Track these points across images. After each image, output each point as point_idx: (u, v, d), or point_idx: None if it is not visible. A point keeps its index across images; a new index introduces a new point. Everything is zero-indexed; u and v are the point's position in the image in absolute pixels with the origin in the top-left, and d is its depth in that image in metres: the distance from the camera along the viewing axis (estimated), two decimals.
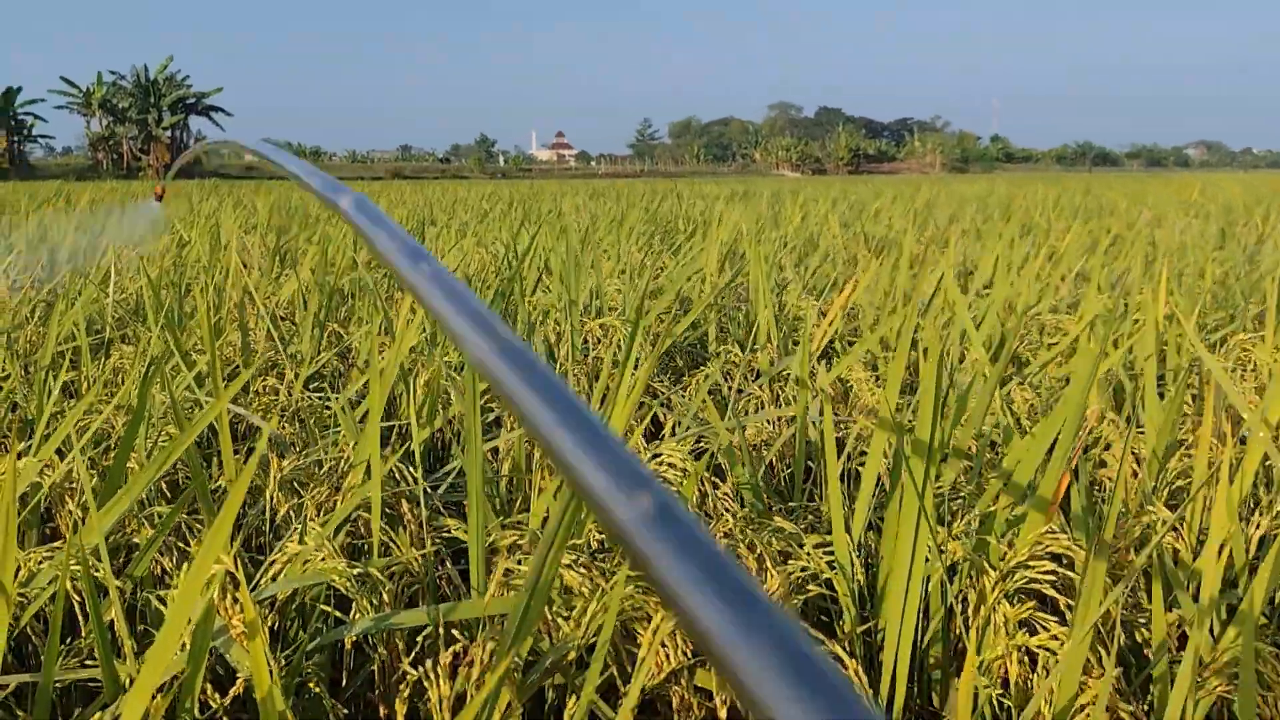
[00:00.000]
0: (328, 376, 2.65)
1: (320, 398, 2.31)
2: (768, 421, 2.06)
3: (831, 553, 1.40)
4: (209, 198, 13.33)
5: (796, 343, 3.07)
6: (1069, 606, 1.22)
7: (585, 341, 2.66)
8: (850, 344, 2.89)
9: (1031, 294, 3.31)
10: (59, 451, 1.63)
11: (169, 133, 70.08)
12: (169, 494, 1.78)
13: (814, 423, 1.93)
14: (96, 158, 69.25)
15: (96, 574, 1.18)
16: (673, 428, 2.14)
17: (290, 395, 2.30)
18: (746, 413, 2.31)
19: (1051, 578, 1.19)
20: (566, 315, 3.00)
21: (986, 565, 1.23)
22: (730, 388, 2.52)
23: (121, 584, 1.25)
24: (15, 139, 66.56)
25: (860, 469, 1.89)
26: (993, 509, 1.31)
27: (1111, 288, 3.53)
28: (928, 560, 1.26)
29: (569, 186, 22.92)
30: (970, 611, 1.25)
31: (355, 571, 1.17)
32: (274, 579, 1.24)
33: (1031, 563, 1.19)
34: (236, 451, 2.03)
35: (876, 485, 1.56)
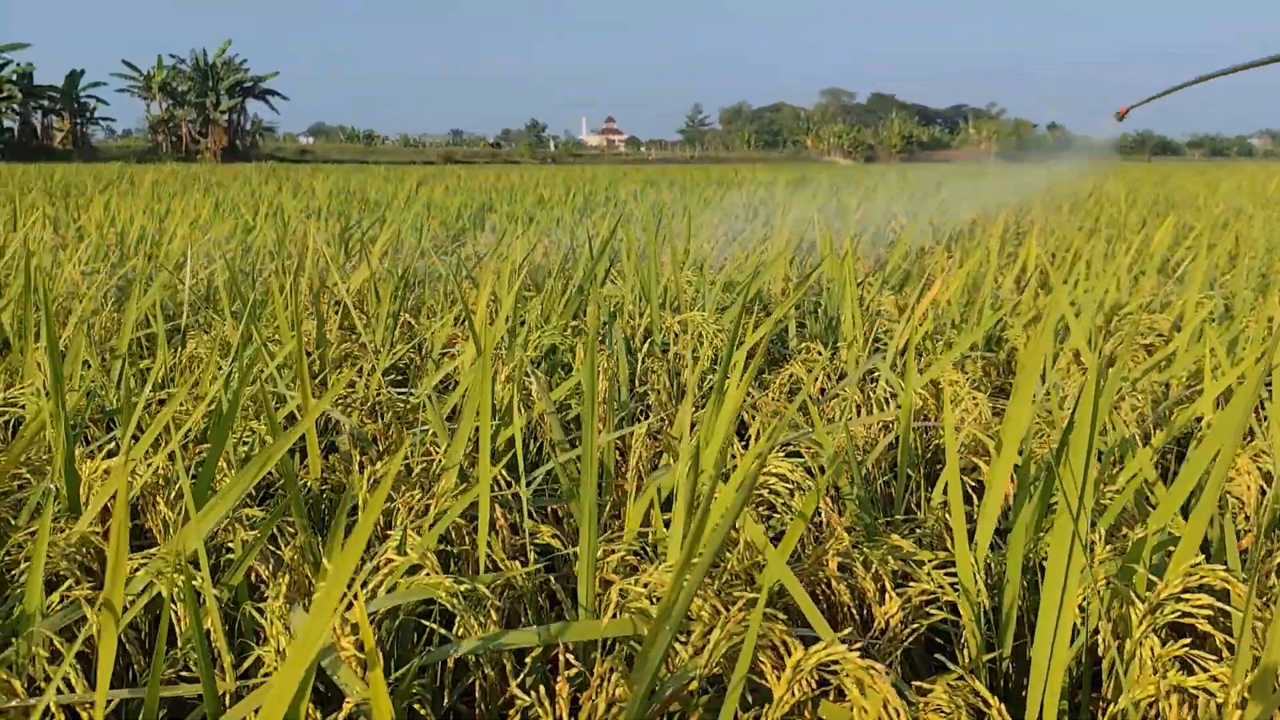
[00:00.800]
0: (401, 369, 2.61)
1: (400, 392, 2.26)
2: (863, 426, 1.98)
3: (951, 573, 1.32)
4: (267, 181, 13.45)
5: (879, 340, 2.98)
6: (1227, 645, 1.13)
7: (664, 337, 2.59)
8: (934, 341, 2.79)
9: (1120, 292, 3.18)
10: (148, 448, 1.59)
11: (226, 116, 71.09)
12: (253, 492, 1.74)
13: (920, 429, 1.84)
14: (156, 140, 70.45)
15: (195, 583, 1.13)
16: (757, 432, 2.07)
17: (368, 388, 2.26)
18: (833, 419, 2.23)
19: (1208, 612, 1.10)
20: (639, 308, 2.93)
21: (1134, 596, 1.14)
22: (815, 386, 2.44)
23: (219, 593, 1.21)
24: (78, 121, 67.90)
25: (969, 481, 1.81)
26: (1141, 535, 1.22)
27: (1209, 286, 3.38)
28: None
29: (621, 172, 22.84)
30: (1105, 643, 1.17)
31: (463, 588, 1.12)
32: (374, 591, 1.18)
33: (1185, 595, 1.11)
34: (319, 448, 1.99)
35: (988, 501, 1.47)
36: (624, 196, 9.45)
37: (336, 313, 3.14)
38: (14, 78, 63.68)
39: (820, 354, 2.54)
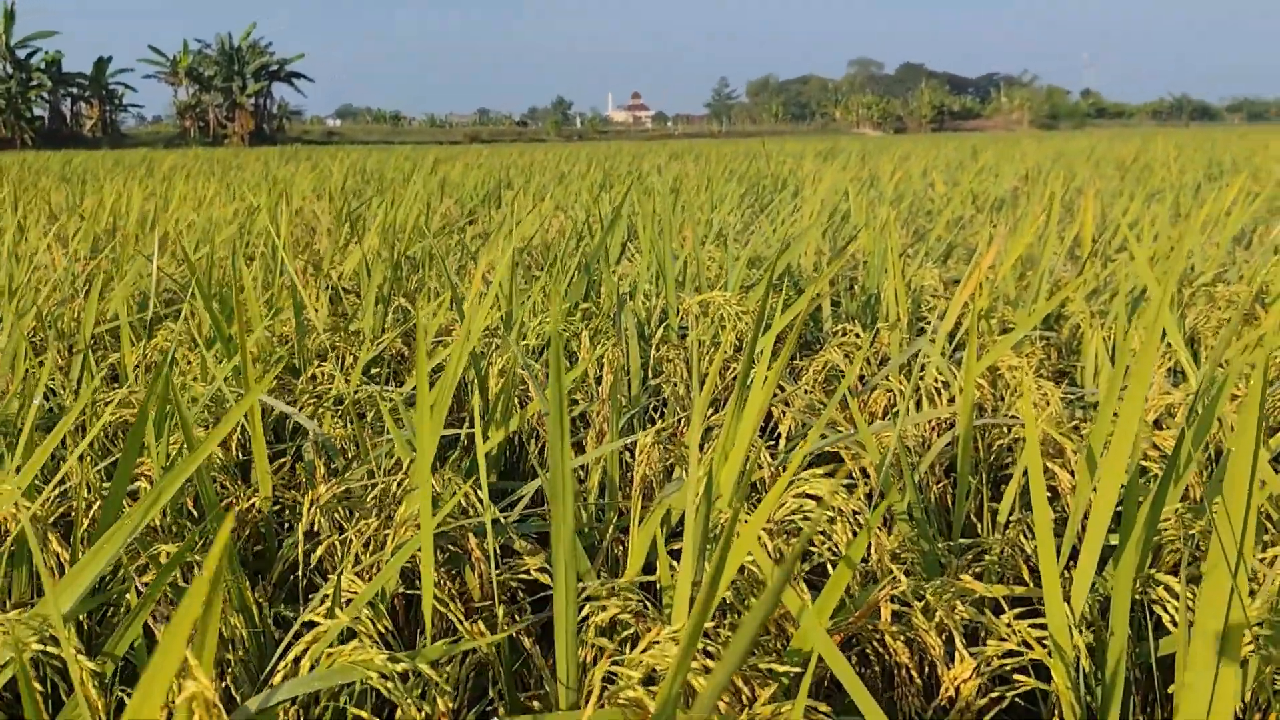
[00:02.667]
0: (389, 361, 2.34)
1: (384, 389, 2.00)
2: (913, 425, 1.69)
3: (1036, 621, 1.03)
4: (288, 162, 13.24)
5: (922, 319, 2.67)
6: None
7: (682, 320, 2.31)
8: (987, 321, 2.49)
9: (1194, 261, 2.86)
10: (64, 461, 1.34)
11: (253, 100, 71.20)
12: (196, 513, 1.48)
13: (980, 428, 1.54)
14: (184, 126, 70.70)
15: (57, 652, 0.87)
16: (789, 430, 1.78)
17: (347, 383, 2.00)
18: (875, 414, 1.94)
19: None
20: (656, 288, 2.65)
21: None
22: (855, 374, 2.15)
23: (99, 665, 0.94)
24: (107, 108, 68.24)
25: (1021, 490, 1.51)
26: None
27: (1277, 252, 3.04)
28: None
29: (646, 148, 22.44)
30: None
31: (399, 667, 0.85)
32: (296, 660, 0.92)
33: None
34: (281, 456, 1.73)
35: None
36: (647, 170, 9.13)
37: (329, 298, 2.89)
38: (43, 65, 64.09)
39: (859, 336, 2.25)
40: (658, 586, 1.11)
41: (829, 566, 1.20)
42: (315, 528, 1.29)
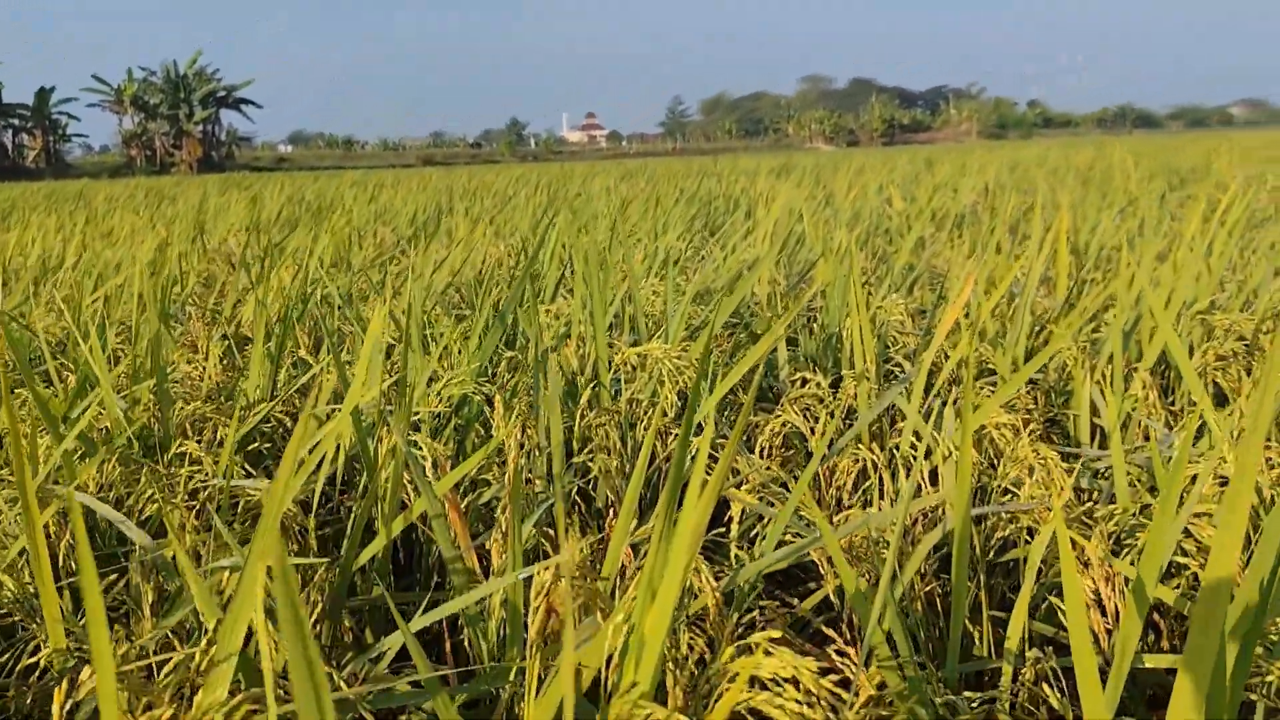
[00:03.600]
0: (276, 432, 2.00)
1: (256, 476, 1.66)
2: (895, 515, 1.38)
3: None
4: (226, 192, 12.76)
5: (890, 360, 2.38)
6: None
7: (617, 374, 1.99)
8: (965, 367, 2.19)
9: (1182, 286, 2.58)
10: None
11: (200, 127, 70.16)
12: None
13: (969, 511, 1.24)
14: (130, 155, 69.48)
15: None
16: (740, 514, 1.46)
17: (216, 467, 1.65)
18: (841, 500, 1.62)
19: None
20: (591, 333, 2.33)
21: None
22: (819, 435, 1.84)
23: None
24: (50, 139, 66.87)
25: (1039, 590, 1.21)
26: None
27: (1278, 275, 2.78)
28: None
29: (600, 167, 22.13)
30: None
31: None
32: None
33: None
34: (101, 577, 1.38)
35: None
36: (597, 191, 8.83)
37: (221, 352, 2.53)
38: None
39: (820, 386, 1.94)
40: None
41: None
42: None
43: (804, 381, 2.06)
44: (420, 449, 1.56)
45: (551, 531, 1.42)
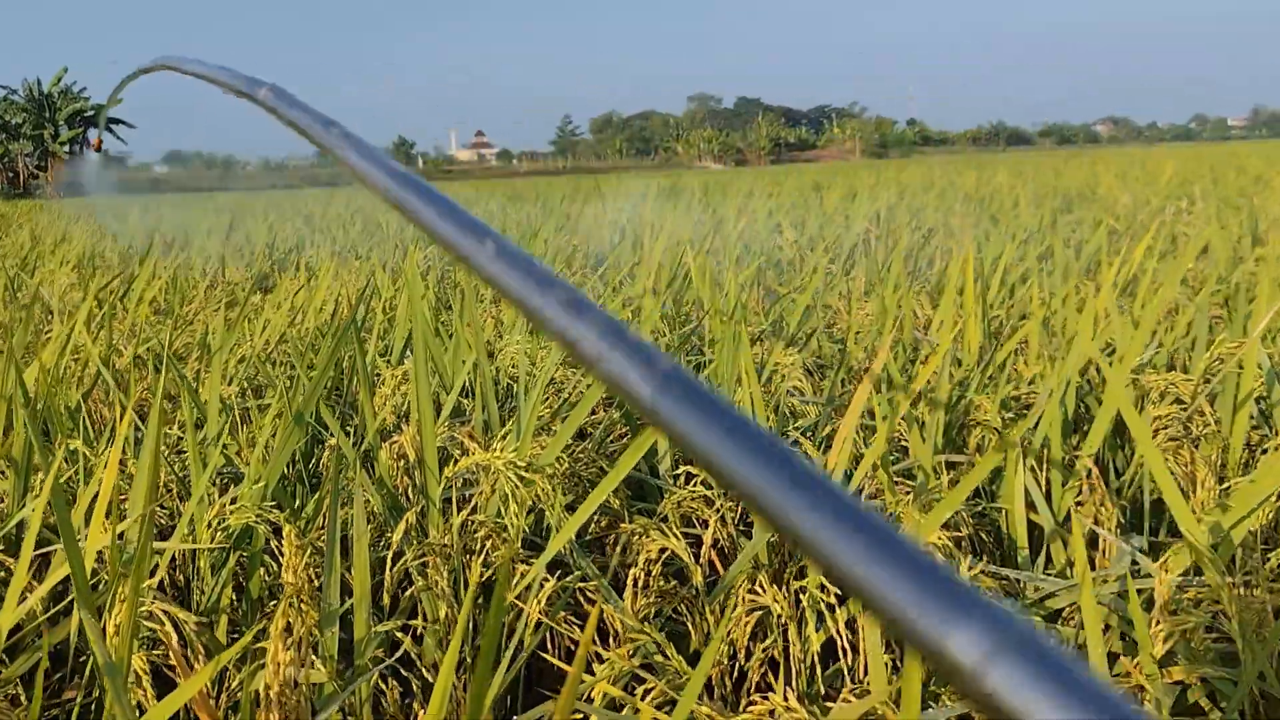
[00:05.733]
0: None
1: None
2: None
3: None
4: (77, 222, 11.80)
5: (790, 439, 2.03)
6: None
7: (458, 491, 1.58)
8: (885, 469, 1.86)
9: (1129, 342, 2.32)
10: None
11: (67, 148, 66.91)
12: None
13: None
14: None
15: None
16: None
17: None
18: (737, 670, 1.25)
19: None
20: (417, 419, 1.92)
21: None
22: (698, 559, 1.47)
23: None
24: None
25: None
26: None
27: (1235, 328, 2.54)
28: None
29: (487, 188, 21.56)
30: None
31: None
32: None
33: None
34: None
35: None
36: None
37: None
38: None
39: (709, 489, 1.57)
40: None
41: None
42: None
43: (688, 477, 1.70)
44: (164, 619, 1.13)
45: None
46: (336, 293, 3.82)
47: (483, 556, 1.38)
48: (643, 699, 1.11)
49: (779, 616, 1.21)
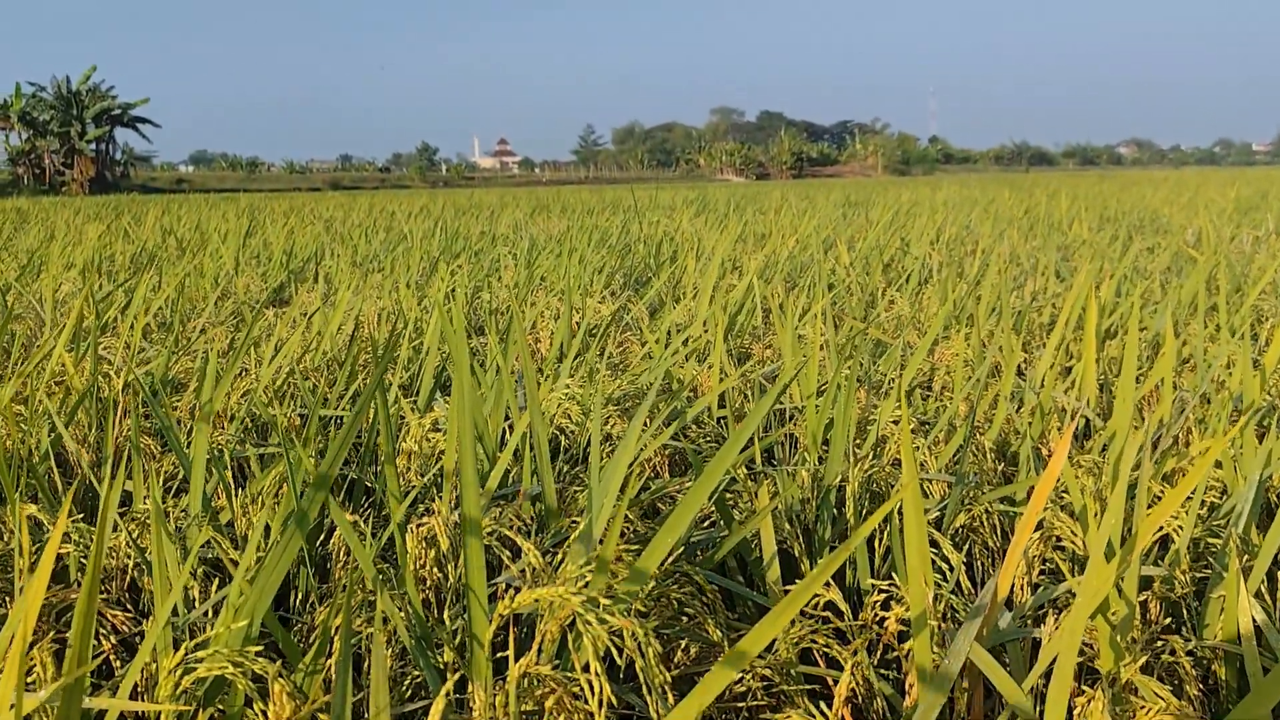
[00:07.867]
0: None
1: None
2: None
3: None
4: (92, 220, 11.53)
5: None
6: None
7: (496, 554, 1.21)
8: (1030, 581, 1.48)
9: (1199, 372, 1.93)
10: None
11: (93, 146, 67.06)
12: None
13: None
14: (17, 172, 66.05)
15: None
16: None
17: None
18: None
19: None
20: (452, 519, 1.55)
21: None
22: None
23: None
24: None
25: None
26: None
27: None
28: None
29: (511, 196, 21.22)
30: None
31: None
32: None
33: None
34: None
35: None
36: (503, 230, 8.02)
37: None
38: None
39: (836, 602, 1.20)
40: None
41: None
42: None
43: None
44: None
45: None
46: (356, 309, 3.47)
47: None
48: None
49: None
